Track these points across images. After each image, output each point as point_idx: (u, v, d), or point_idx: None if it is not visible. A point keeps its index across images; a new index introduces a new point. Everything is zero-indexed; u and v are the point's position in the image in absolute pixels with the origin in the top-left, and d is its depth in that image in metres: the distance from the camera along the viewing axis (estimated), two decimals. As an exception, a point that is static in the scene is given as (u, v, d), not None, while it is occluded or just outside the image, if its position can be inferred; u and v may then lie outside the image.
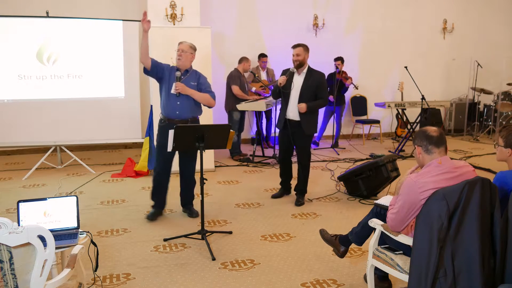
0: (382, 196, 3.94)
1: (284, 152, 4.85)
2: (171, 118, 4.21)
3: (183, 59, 4.20)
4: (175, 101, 4.19)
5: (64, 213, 2.58)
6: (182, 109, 4.20)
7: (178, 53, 4.22)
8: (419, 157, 2.48)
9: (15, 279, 1.91)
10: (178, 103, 4.19)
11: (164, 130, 4.18)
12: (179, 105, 4.19)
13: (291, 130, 4.63)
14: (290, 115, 4.65)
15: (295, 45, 4.65)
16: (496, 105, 8.94)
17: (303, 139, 4.71)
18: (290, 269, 3.31)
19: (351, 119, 8.95)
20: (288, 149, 4.83)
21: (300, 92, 4.59)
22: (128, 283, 3.10)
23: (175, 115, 4.20)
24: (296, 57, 4.59)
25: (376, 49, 8.99)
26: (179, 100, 4.18)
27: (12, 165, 6.66)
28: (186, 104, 4.20)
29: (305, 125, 4.61)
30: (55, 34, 6.03)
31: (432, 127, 2.50)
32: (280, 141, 4.84)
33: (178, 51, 4.23)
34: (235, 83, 6.84)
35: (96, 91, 6.25)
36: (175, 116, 4.20)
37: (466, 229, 2.21)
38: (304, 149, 4.77)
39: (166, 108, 4.25)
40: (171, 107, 4.21)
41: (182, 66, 4.22)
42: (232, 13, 8.12)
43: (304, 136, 4.68)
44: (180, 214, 4.49)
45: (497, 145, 2.64)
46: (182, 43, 4.27)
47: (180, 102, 4.18)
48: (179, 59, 4.20)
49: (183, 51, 4.21)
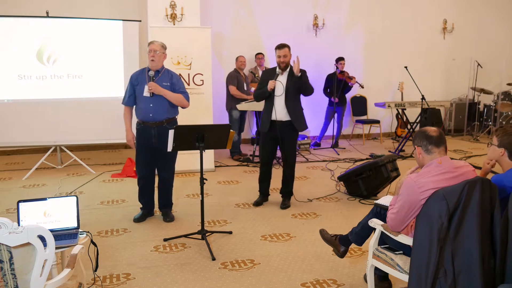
0: (382, 196, 3.94)
1: (268, 155, 4.71)
2: (146, 121, 4.11)
3: (156, 60, 4.08)
4: (148, 104, 4.07)
5: (64, 213, 2.58)
6: (156, 111, 4.08)
7: (150, 54, 4.06)
8: (419, 157, 2.48)
9: (15, 279, 1.91)
10: (151, 105, 4.07)
11: (141, 132, 4.16)
12: (152, 107, 4.07)
13: (280, 131, 4.52)
14: (278, 116, 4.50)
15: (281, 46, 4.46)
16: (496, 105, 8.94)
17: (293, 138, 4.65)
18: (290, 269, 3.31)
19: (351, 119, 8.96)
20: (272, 152, 4.73)
21: (285, 92, 4.48)
22: (128, 283, 3.10)
23: (149, 117, 4.08)
24: (284, 58, 4.43)
25: (376, 49, 9.00)
26: (152, 102, 4.07)
27: (12, 165, 6.66)
28: (159, 105, 4.08)
29: (296, 121, 4.53)
30: (55, 34, 6.03)
31: (431, 127, 2.50)
32: (265, 145, 4.70)
33: (150, 51, 4.08)
34: (232, 83, 6.87)
35: (96, 91, 6.25)
36: (149, 119, 4.09)
37: (466, 229, 2.21)
38: (292, 149, 4.70)
39: (140, 112, 4.14)
40: (145, 110, 4.09)
41: (155, 67, 4.10)
42: (232, 13, 8.12)
43: (294, 134, 4.62)
44: (180, 214, 4.49)
45: (490, 144, 2.66)
46: (153, 43, 4.13)
47: (154, 104, 4.07)
48: (153, 60, 4.06)
49: (156, 51, 4.07)
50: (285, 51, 4.45)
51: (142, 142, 4.18)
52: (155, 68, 4.11)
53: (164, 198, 4.38)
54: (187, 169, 6.06)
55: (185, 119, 5.71)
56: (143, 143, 4.17)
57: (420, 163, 2.49)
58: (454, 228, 2.20)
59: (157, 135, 4.11)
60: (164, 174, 4.31)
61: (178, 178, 4.44)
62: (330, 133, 8.07)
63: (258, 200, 4.82)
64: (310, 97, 4.83)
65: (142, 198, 4.35)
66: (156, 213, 4.49)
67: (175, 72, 4.34)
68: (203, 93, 6.10)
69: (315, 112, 8.35)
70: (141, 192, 4.34)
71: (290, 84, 4.50)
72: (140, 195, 4.35)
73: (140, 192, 4.34)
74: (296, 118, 4.55)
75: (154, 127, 4.10)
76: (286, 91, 4.50)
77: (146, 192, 4.33)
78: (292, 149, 4.71)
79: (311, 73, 8.42)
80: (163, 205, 4.39)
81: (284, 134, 4.57)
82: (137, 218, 4.29)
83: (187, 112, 5.99)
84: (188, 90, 6.05)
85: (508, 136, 2.56)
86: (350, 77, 7.81)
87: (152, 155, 4.21)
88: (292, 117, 4.53)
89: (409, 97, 8.46)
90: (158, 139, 4.10)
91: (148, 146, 4.16)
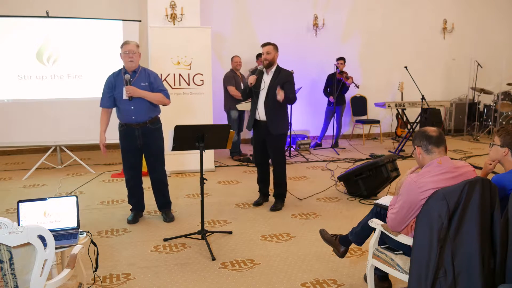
0: (382, 196, 3.94)
1: (260, 154, 4.67)
2: (129, 123, 4.07)
3: (135, 60, 4.01)
4: (128, 106, 4.01)
5: (64, 213, 2.58)
6: (137, 113, 4.03)
7: (128, 55, 3.96)
8: (419, 158, 2.48)
9: (15, 279, 1.91)
10: (132, 108, 4.01)
11: (124, 134, 4.14)
12: (134, 109, 4.02)
13: (264, 133, 4.47)
14: (260, 116, 4.45)
15: (265, 44, 4.46)
16: (496, 105, 8.94)
17: (274, 139, 4.50)
18: (290, 269, 3.31)
19: (351, 119, 8.96)
20: (263, 151, 4.63)
21: (267, 91, 4.41)
22: (128, 283, 3.10)
23: (132, 120, 4.04)
24: (266, 55, 4.40)
25: (376, 49, 9.00)
26: (133, 105, 4.00)
27: (12, 165, 6.66)
28: (140, 107, 4.02)
29: (271, 124, 4.41)
30: (55, 34, 6.03)
31: (431, 127, 2.50)
32: (256, 145, 4.68)
33: (127, 52, 3.97)
34: (230, 84, 6.87)
35: (96, 91, 6.17)
36: (132, 121, 4.05)
37: (466, 229, 2.21)
38: (276, 150, 4.55)
39: (122, 115, 4.10)
40: (126, 112, 4.05)
41: (133, 67, 4.03)
42: (232, 13, 8.12)
43: (274, 136, 4.47)
44: (180, 214, 4.49)
45: (492, 145, 2.65)
46: (128, 44, 4.02)
47: (134, 106, 4.01)
48: (131, 61, 3.98)
49: (133, 51, 3.98)
50: (268, 48, 4.42)
51: (126, 144, 4.15)
52: (133, 69, 4.04)
53: (161, 198, 4.36)
54: (187, 169, 6.06)
55: (185, 119, 5.74)
56: (128, 145, 4.15)
57: (420, 163, 2.49)
58: (454, 228, 2.20)
59: (141, 135, 4.09)
60: (155, 174, 4.28)
61: (178, 178, 4.44)
62: (330, 133, 8.07)
63: (258, 200, 4.81)
64: (310, 97, 4.83)
65: (131, 199, 4.35)
66: (156, 213, 4.49)
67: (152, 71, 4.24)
68: (203, 93, 6.10)
69: (315, 112, 8.35)
70: (131, 194, 4.34)
71: (272, 84, 4.41)
72: (130, 197, 4.35)
73: (129, 194, 4.34)
74: (271, 120, 4.41)
75: (138, 128, 4.08)
76: (268, 91, 4.42)
77: (135, 193, 4.32)
78: (276, 151, 4.56)
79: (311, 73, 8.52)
80: (161, 205, 4.38)
81: (267, 135, 4.50)
82: (131, 220, 4.27)
83: (187, 112, 6.04)
84: (188, 90, 6.17)
85: (511, 135, 2.56)
86: (348, 77, 7.81)
87: (138, 156, 4.20)
88: (267, 118, 4.42)
89: (409, 97, 8.46)
90: (143, 140, 4.10)
91: (134, 148, 4.14)
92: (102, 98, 4.18)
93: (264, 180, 4.79)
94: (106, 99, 4.13)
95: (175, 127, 3.63)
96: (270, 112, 4.43)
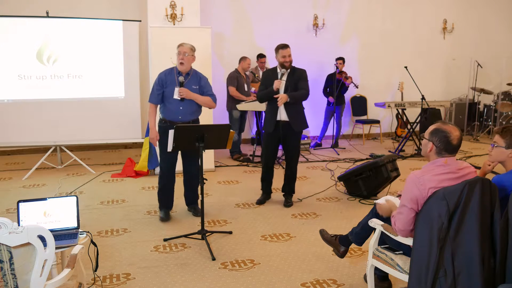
0: (382, 196, 3.93)
1: (271, 155, 4.78)
2: (173, 121, 4.14)
3: (185, 63, 4.10)
4: (177, 106, 4.15)
5: (64, 213, 2.58)
6: (185, 113, 4.17)
7: (179, 57, 4.09)
8: (427, 152, 2.39)
9: (15, 279, 1.91)
10: (181, 108, 4.15)
11: (163, 131, 4.18)
12: (182, 109, 4.16)
13: (283, 132, 4.56)
14: (281, 116, 4.55)
15: (285, 46, 4.53)
16: (496, 105, 8.94)
17: (295, 136, 4.69)
18: (290, 269, 3.31)
19: (351, 119, 8.96)
20: (275, 152, 4.81)
21: (284, 90, 4.55)
22: (128, 283, 3.10)
23: (178, 119, 4.16)
24: (288, 57, 4.51)
25: (376, 49, 8.99)
26: (182, 105, 4.15)
27: (12, 165, 6.65)
28: (188, 108, 4.17)
29: (294, 122, 4.58)
30: (55, 34, 6.04)
31: (456, 131, 2.33)
32: (268, 145, 4.73)
33: (179, 54, 4.10)
34: (231, 84, 6.88)
35: (96, 91, 6.26)
36: (177, 120, 4.15)
37: (466, 229, 2.21)
38: (295, 147, 4.76)
39: (168, 112, 4.20)
40: (174, 111, 4.16)
41: (184, 70, 4.14)
42: (232, 13, 8.12)
43: (295, 134, 4.66)
44: (180, 214, 4.49)
45: (495, 146, 2.57)
46: (182, 46, 4.14)
47: (183, 106, 4.15)
48: (182, 63, 4.09)
49: (185, 53, 4.09)
50: (288, 51, 4.53)
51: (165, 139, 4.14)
52: (185, 71, 4.14)
53: (192, 194, 4.44)
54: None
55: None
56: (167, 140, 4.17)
57: (426, 155, 2.43)
58: (454, 228, 2.20)
59: None
60: (192, 169, 4.32)
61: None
62: (330, 133, 8.07)
63: (261, 198, 4.86)
64: (310, 97, 4.83)
65: (164, 195, 4.34)
66: (156, 213, 4.49)
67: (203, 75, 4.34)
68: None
69: (315, 112, 8.34)
70: (164, 190, 4.34)
71: (289, 83, 4.56)
72: (163, 193, 4.34)
73: (162, 191, 4.34)
74: (293, 119, 4.59)
75: None
76: (285, 91, 4.55)
77: (169, 189, 4.35)
78: (296, 149, 4.78)
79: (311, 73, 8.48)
80: (191, 200, 4.46)
81: (287, 134, 4.61)
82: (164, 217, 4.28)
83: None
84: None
85: None
86: (347, 77, 7.81)
87: (175, 153, 4.26)
88: (289, 117, 4.57)
89: (409, 97, 8.46)
90: None
91: None
92: (152, 94, 4.26)
93: (269, 179, 4.87)
94: (155, 95, 4.22)
95: (175, 127, 3.63)
96: (292, 111, 4.57)
